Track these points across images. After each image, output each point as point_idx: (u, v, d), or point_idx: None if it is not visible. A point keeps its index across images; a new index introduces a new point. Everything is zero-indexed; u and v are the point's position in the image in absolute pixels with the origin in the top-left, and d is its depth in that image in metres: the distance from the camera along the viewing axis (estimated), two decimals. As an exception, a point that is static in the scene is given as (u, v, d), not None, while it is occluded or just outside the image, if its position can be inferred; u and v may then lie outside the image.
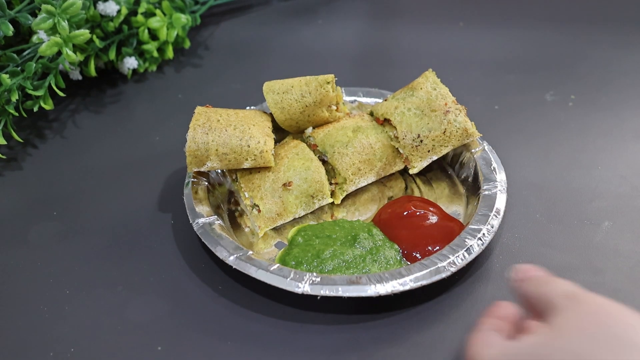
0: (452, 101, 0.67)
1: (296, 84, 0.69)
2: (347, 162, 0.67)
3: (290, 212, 0.66)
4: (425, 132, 0.67)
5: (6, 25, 0.73)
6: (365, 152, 0.68)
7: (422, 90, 0.69)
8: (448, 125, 0.66)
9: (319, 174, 0.66)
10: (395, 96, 0.71)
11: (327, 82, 0.68)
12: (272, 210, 0.65)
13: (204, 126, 0.64)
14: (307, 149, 0.68)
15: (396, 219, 0.64)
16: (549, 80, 0.87)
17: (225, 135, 0.64)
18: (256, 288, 0.60)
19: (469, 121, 0.67)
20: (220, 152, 0.64)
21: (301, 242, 0.63)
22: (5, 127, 0.74)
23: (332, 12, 1.04)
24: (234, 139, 0.64)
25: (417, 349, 0.55)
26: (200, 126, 0.64)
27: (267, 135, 0.66)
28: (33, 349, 0.56)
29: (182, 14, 0.87)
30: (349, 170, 0.67)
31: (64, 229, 0.68)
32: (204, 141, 0.64)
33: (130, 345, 0.56)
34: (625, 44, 0.94)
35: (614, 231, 0.65)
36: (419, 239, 0.62)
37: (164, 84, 0.89)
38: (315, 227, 0.65)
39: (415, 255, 0.61)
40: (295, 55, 0.95)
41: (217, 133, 0.64)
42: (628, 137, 0.77)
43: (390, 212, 0.66)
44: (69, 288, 0.61)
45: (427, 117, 0.67)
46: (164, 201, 0.70)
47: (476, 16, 1.02)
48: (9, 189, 0.73)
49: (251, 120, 0.68)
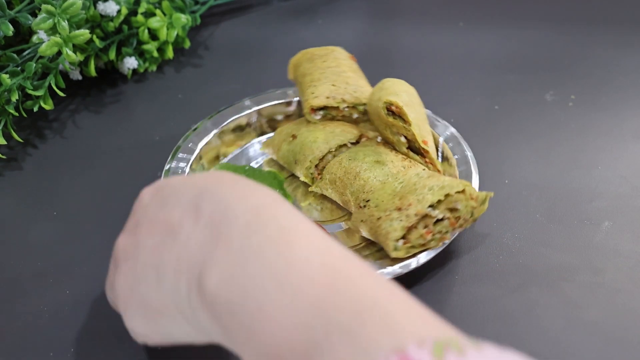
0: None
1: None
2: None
3: (279, 150, 0.70)
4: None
5: (6, 25, 0.73)
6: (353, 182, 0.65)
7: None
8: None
9: (316, 151, 0.67)
10: None
11: (382, 101, 0.65)
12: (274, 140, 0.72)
13: None
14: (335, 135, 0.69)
15: None
16: (549, 80, 0.87)
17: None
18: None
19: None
20: None
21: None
22: (5, 127, 0.74)
23: (332, 12, 1.04)
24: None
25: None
26: None
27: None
28: (33, 349, 0.56)
29: (182, 14, 0.87)
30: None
31: (64, 229, 0.68)
32: None
33: (131, 345, 0.56)
34: (625, 44, 0.94)
35: (614, 231, 0.65)
36: None
37: (164, 84, 0.89)
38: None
39: None
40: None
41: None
42: (628, 137, 0.77)
43: None
44: (69, 288, 0.61)
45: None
46: (164, 201, 0.70)
47: (476, 16, 1.02)
48: (9, 189, 0.73)
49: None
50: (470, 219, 0.59)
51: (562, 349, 0.55)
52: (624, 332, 0.56)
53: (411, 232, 0.57)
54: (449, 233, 0.58)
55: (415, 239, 0.57)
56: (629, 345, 0.55)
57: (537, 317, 0.57)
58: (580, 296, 0.59)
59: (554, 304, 0.59)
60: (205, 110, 0.82)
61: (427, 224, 0.57)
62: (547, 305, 0.59)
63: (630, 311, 0.58)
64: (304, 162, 0.68)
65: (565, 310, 0.58)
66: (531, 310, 0.58)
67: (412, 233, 0.57)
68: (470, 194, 0.58)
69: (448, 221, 0.58)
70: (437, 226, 0.58)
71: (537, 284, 0.60)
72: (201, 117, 0.77)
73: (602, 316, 0.58)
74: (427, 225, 0.57)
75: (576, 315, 0.58)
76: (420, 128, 0.64)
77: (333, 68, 0.72)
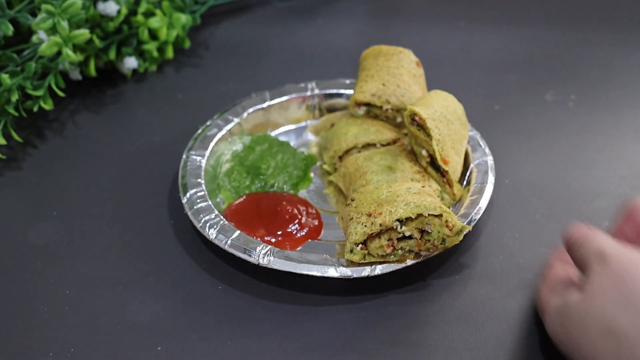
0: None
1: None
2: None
3: (318, 135, 0.73)
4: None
5: (6, 25, 0.73)
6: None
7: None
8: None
9: (343, 143, 0.68)
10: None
11: (408, 109, 0.63)
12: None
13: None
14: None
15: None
16: (549, 80, 0.87)
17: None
18: (257, 288, 0.60)
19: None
20: None
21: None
22: (5, 127, 0.74)
23: (332, 12, 1.04)
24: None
25: (417, 349, 0.55)
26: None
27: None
28: (33, 349, 0.56)
29: (182, 14, 0.87)
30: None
31: (64, 229, 0.68)
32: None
33: (130, 345, 0.56)
34: (625, 43, 0.94)
35: (614, 231, 0.65)
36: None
37: (164, 84, 0.89)
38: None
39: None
40: (295, 55, 0.95)
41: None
42: (628, 137, 0.77)
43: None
44: (69, 288, 0.61)
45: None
46: (164, 201, 0.70)
47: (476, 16, 1.02)
48: (9, 189, 0.73)
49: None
50: (440, 247, 0.57)
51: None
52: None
53: (372, 241, 0.56)
54: (413, 253, 0.57)
55: (374, 249, 0.56)
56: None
57: (537, 317, 0.57)
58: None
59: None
60: (205, 110, 0.82)
61: (391, 237, 0.56)
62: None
63: (630, 311, 0.58)
64: (330, 151, 0.69)
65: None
66: (531, 310, 0.58)
67: (373, 242, 0.56)
68: (447, 221, 0.56)
69: (414, 241, 0.57)
70: (402, 243, 0.56)
71: (537, 284, 0.60)
72: (201, 117, 0.77)
73: (602, 316, 0.57)
74: (391, 238, 0.56)
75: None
76: (444, 145, 0.63)
77: (391, 68, 0.71)
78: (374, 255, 0.57)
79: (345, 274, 0.57)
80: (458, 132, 0.66)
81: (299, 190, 0.70)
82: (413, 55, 0.74)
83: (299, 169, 0.71)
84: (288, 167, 0.70)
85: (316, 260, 0.58)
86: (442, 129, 0.63)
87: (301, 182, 0.70)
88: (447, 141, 0.63)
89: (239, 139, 0.74)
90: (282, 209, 0.65)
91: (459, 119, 0.67)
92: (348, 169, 0.66)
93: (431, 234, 0.56)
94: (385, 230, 0.56)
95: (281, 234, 0.63)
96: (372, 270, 0.57)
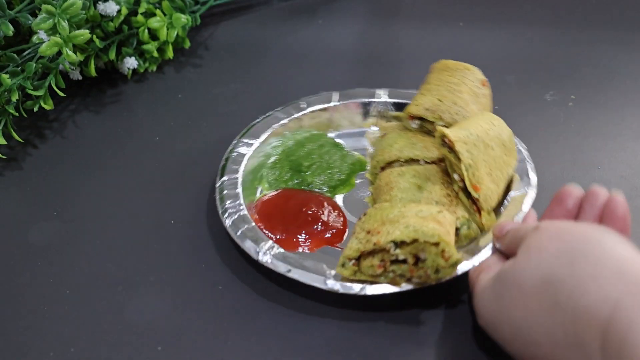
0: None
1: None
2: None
3: (371, 143, 0.72)
4: None
5: (6, 25, 0.73)
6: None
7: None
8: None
9: (386, 154, 0.67)
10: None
11: (439, 131, 0.61)
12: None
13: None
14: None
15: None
16: (549, 80, 0.87)
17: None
18: (257, 288, 0.60)
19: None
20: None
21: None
22: (5, 127, 0.74)
23: (332, 12, 1.04)
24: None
25: (417, 349, 0.55)
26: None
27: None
28: (33, 349, 0.56)
29: (182, 14, 0.87)
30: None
31: (64, 229, 0.68)
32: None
33: (130, 345, 0.56)
34: (626, 43, 0.94)
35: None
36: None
37: (164, 84, 0.89)
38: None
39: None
40: (295, 55, 0.95)
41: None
42: (628, 137, 0.77)
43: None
44: (69, 288, 0.61)
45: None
46: (164, 201, 0.70)
47: (476, 16, 1.02)
48: (9, 189, 0.73)
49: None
50: (434, 277, 0.54)
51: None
52: (624, 332, 0.56)
53: (366, 259, 0.55)
54: (405, 278, 0.55)
55: (366, 267, 0.55)
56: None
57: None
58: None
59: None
60: (205, 110, 0.82)
61: (384, 258, 0.54)
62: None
63: (630, 311, 0.58)
64: (373, 161, 0.69)
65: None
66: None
67: (366, 260, 0.55)
68: (443, 250, 0.53)
69: (407, 266, 0.54)
70: (394, 266, 0.55)
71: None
72: (200, 116, 0.77)
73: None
74: (384, 259, 0.54)
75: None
76: (476, 171, 0.59)
77: (452, 85, 0.69)
78: (365, 273, 0.55)
79: (333, 287, 0.56)
80: (498, 158, 0.62)
81: (337, 194, 0.69)
82: (480, 74, 0.71)
83: (343, 172, 0.70)
84: (331, 169, 0.70)
85: (311, 267, 0.57)
86: (475, 154, 0.60)
87: (341, 185, 0.69)
88: (482, 167, 0.60)
89: (293, 133, 0.74)
90: (306, 209, 0.64)
91: (503, 144, 0.63)
92: (380, 182, 0.65)
93: (425, 261, 0.54)
94: (379, 251, 0.54)
95: (298, 234, 0.63)
96: (361, 289, 0.55)
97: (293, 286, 0.59)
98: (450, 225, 0.57)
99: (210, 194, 0.70)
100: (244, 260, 0.62)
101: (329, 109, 0.76)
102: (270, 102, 0.80)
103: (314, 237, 0.63)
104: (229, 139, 0.74)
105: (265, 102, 0.80)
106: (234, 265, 0.62)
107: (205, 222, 0.67)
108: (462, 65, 0.71)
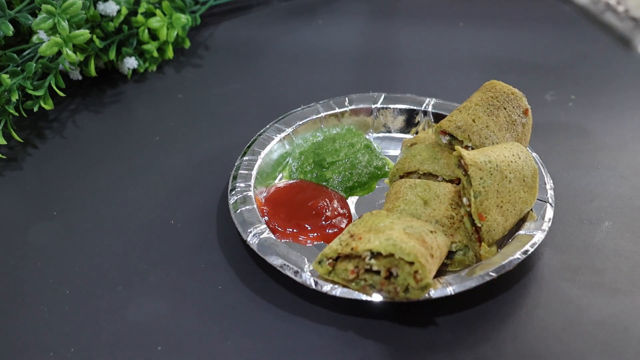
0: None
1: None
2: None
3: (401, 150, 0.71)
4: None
5: (6, 25, 0.73)
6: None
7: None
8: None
9: (407, 164, 0.67)
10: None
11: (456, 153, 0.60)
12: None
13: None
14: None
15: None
16: (549, 80, 0.87)
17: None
18: (256, 288, 0.60)
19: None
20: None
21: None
22: (5, 127, 0.74)
23: (332, 12, 1.04)
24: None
25: (417, 349, 0.55)
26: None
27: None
28: (33, 349, 0.56)
29: (182, 14, 0.87)
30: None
31: (64, 229, 0.68)
32: None
33: (130, 345, 0.56)
34: (625, 44, 0.94)
35: (614, 231, 0.65)
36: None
37: (164, 84, 0.89)
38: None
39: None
40: (295, 55, 0.95)
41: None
42: (628, 137, 0.77)
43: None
44: (69, 288, 0.61)
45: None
46: (164, 201, 0.70)
47: (476, 16, 1.02)
48: (9, 189, 0.73)
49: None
50: (402, 295, 0.54)
51: (562, 349, 0.55)
52: (624, 332, 0.56)
53: (342, 262, 0.56)
54: (374, 290, 0.55)
55: (340, 270, 0.56)
56: (628, 345, 0.55)
57: (537, 317, 0.57)
58: (580, 296, 0.59)
59: (554, 304, 0.59)
60: (205, 110, 0.82)
61: (358, 265, 0.55)
62: (547, 305, 0.59)
63: (630, 311, 0.58)
64: (394, 168, 0.68)
65: (565, 310, 0.58)
66: (531, 310, 0.58)
67: (342, 262, 0.56)
68: (416, 272, 0.53)
69: (379, 278, 0.54)
70: (367, 275, 0.55)
71: (537, 284, 0.60)
72: (200, 116, 0.77)
73: (602, 316, 0.58)
74: (358, 266, 0.55)
75: (576, 315, 0.58)
76: (485, 200, 0.58)
77: (491, 107, 0.67)
78: (338, 275, 0.56)
79: (306, 282, 0.56)
80: (514, 192, 0.60)
81: (354, 195, 0.69)
82: (524, 101, 0.69)
83: (364, 175, 0.70)
84: (353, 169, 0.69)
85: (292, 258, 0.58)
86: (489, 182, 0.58)
87: (359, 188, 0.69)
88: (493, 197, 0.58)
89: (329, 128, 0.75)
90: (313, 204, 0.65)
91: (523, 179, 0.61)
92: (392, 189, 0.65)
93: (397, 278, 0.54)
94: (356, 256, 0.55)
95: (298, 225, 0.64)
96: (332, 289, 0.56)
97: (293, 287, 0.59)
98: (438, 249, 0.56)
99: (210, 194, 0.70)
100: (243, 260, 0.62)
101: (370, 109, 0.76)
102: (270, 101, 0.80)
103: (311, 231, 0.64)
104: (229, 139, 0.74)
105: (265, 102, 0.80)
106: (234, 266, 0.62)
107: (205, 222, 0.67)
108: (508, 88, 0.68)
